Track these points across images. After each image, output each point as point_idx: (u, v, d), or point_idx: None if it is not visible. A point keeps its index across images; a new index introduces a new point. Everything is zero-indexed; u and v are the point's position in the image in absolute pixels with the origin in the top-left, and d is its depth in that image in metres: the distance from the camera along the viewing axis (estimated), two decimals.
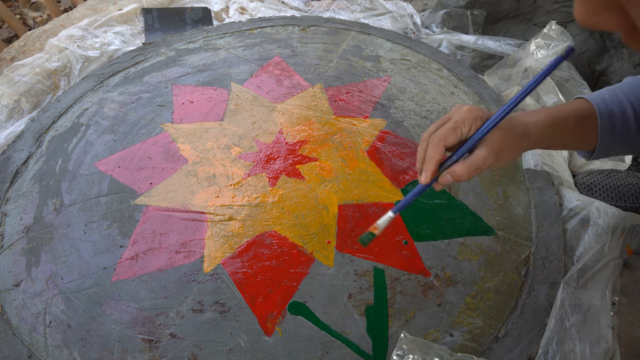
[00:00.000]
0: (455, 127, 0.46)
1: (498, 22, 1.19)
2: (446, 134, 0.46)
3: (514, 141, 0.48)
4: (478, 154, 0.46)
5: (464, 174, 0.47)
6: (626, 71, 1.04)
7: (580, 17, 0.24)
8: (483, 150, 0.46)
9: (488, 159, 0.46)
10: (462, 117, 0.46)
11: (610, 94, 0.54)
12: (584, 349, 0.58)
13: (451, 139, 0.46)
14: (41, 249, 0.69)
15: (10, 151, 0.83)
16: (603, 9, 0.23)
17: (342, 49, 1.07)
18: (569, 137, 0.53)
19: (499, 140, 0.46)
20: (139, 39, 1.13)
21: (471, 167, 0.46)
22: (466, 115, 0.46)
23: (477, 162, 0.46)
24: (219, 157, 0.82)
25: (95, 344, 0.60)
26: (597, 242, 0.69)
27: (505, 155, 0.47)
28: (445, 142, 0.46)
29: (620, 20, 0.23)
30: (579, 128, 0.52)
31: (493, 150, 0.46)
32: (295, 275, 0.66)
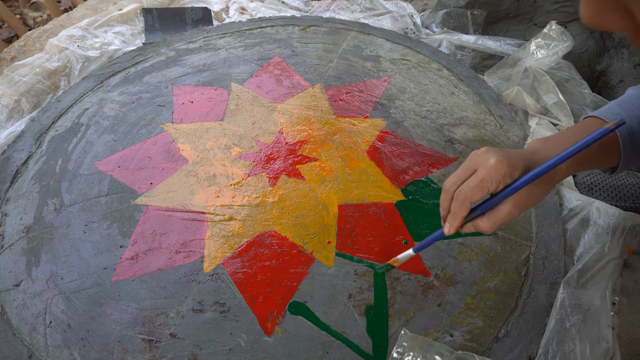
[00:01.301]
0: (482, 187, 0.45)
1: (498, 22, 1.19)
2: (473, 192, 0.45)
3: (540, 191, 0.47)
4: (503, 210, 0.46)
5: (487, 230, 0.47)
6: (626, 71, 1.04)
7: (585, 17, 0.24)
8: (508, 206, 0.46)
9: (512, 214, 0.46)
10: (489, 175, 0.45)
11: (624, 110, 0.53)
12: (584, 349, 0.58)
13: (477, 197, 0.46)
14: (41, 249, 0.69)
15: (10, 151, 0.83)
16: (608, 10, 0.23)
17: (342, 49, 1.07)
18: (592, 163, 0.53)
19: (525, 195, 0.46)
20: (139, 39, 1.13)
21: (496, 224, 0.47)
22: (494, 174, 0.44)
23: (502, 218, 0.46)
24: (219, 157, 0.82)
25: (96, 344, 0.60)
26: (597, 242, 0.69)
27: (528, 206, 0.47)
28: (471, 200, 0.46)
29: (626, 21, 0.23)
30: (601, 152, 0.52)
31: (518, 206, 0.46)
32: (295, 275, 0.66)
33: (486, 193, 0.46)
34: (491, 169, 0.45)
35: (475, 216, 0.48)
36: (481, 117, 0.91)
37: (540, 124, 0.91)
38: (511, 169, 0.45)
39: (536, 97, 0.94)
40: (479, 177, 0.45)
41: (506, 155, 0.45)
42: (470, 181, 0.46)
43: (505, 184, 0.45)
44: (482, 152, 0.47)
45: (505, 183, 0.45)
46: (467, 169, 0.48)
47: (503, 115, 0.92)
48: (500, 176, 0.44)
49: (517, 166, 0.45)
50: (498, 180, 0.45)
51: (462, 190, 0.46)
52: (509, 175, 0.45)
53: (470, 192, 0.46)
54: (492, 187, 0.45)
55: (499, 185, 0.45)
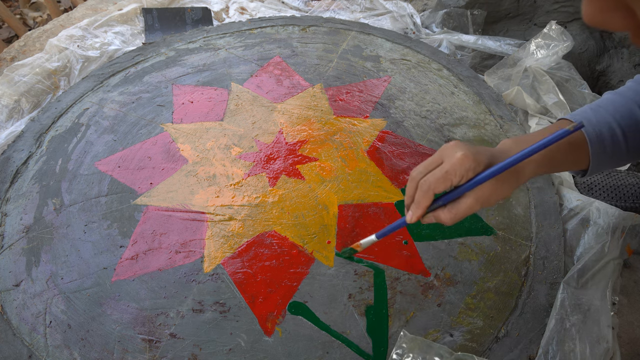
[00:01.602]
0: (446, 178, 0.47)
1: (498, 22, 1.19)
2: (437, 182, 0.47)
3: (504, 189, 0.48)
4: (464, 203, 0.47)
5: (447, 221, 0.49)
6: (626, 71, 1.04)
7: (587, 16, 0.25)
8: (469, 199, 0.47)
9: (473, 208, 0.47)
10: (454, 168, 0.46)
11: (595, 114, 0.54)
12: (584, 349, 0.58)
13: (440, 188, 0.47)
14: (41, 249, 0.69)
15: (10, 151, 0.83)
16: (610, 9, 0.23)
17: (342, 49, 1.07)
18: (560, 165, 0.54)
19: (487, 190, 0.47)
20: (139, 39, 1.13)
21: (456, 216, 0.48)
22: (458, 167, 0.46)
23: (463, 211, 0.48)
24: (219, 157, 0.82)
25: (96, 344, 0.60)
26: (597, 242, 0.69)
27: (490, 202, 0.48)
28: (434, 190, 0.48)
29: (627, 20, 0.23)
30: (570, 154, 0.53)
31: (479, 200, 0.47)
32: (295, 275, 0.66)
33: (449, 185, 0.47)
34: (456, 162, 0.46)
35: (437, 207, 0.49)
36: (481, 117, 0.91)
37: (540, 124, 0.91)
38: (475, 164, 0.46)
39: (536, 97, 0.94)
40: (444, 169, 0.47)
41: (473, 151, 0.46)
42: (435, 172, 0.47)
43: (468, 177, 0.46)
44: (451, 145, 0.48)
45: (468, 177, 0.46)
46: (434, 160, 0.49)
47: (503, 115, 0.92)
48: (464, 170, 0.46)
49: (481, 162, 0.46)
50: (461, 174, 0.46)
51: (427, 180, 0.48)
52: (472, 169, 0.46)
53: (434, 182, 0.47)
54: (455, 180, 0.46)
55: (462, 179, 0.46)
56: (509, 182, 0.48)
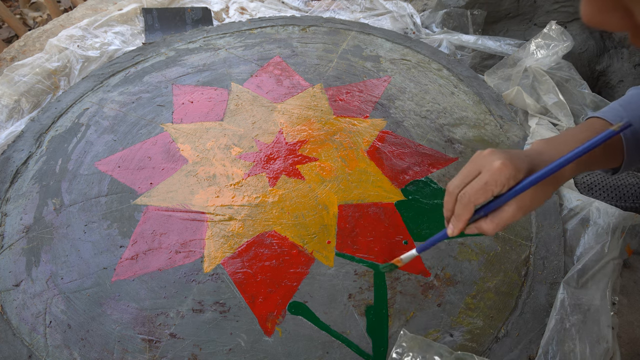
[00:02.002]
0: (486, 190, 0.45)
1: (498, 22, 1.19)
2: (477, 194, 0.45)
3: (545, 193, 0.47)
4: (507, 212, 0.46)
5: (490, 231, 0.47)
6: (626, 71, 1.04)
7: (586, 16, 0.24)
8: (512, 208, 0.45)
9: (516, 215, 0.46)
10: (494, 178, 0.44)
11: (626, 110, 0.53)
12: (584, 349, 0.58)
13: (481, 200, 0.46)
14: (41, 249, 0.69)
15: (10, 151, 0.83)
16: (609, 9, 0.23)
17: (342, 49, 1.07)
18: (596, 164, 0.53)
19: (530, 197, 0.45)
20: (139, 39, 1.13)
21: (499, 225, 0.46)
22: (498, 176, 0.44)
23: (506, 220, 0.46)
24: (219, 157, 0.82)
25: (96, 344, 0.60)
26: (597, 242, 0.69)
27: (532, 208, 0.47)
28: (475, 202, 0.46)
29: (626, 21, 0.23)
30: (606, 153, 0.52)
31: (522, 208, 0.45)
32: (295, 275, 0.66)
33: (490, 196, 0.45)
34: (495, 171, 0.44)
35: (478, 217, 0.48)
36: (481, 117, 0.91)
37: (540, 124, 0.91)
38: (515, 171, 0.44)
39: (536, 97, 0.94)
40: (483, 179, 0.45)
41: (510, 158, 0.45)
42: (474, 184, 0.46)
43: (509, 186, 0.45)
44: (487, 153, 0.46)
45: (509, 186, 0.45)
46: (471, 170, 0.47)
47: (503, 115, 0.92)
48: (504, 179, 0.44)
49: (521, 168, 0.45)
50: (502, 183, 0.44)
51: (466, 193, 0.46)
52: (513, 177, 0.44)
53: (474, 194, 0.45)
54: (496, 190, 0.45)
55: (503, 188, 0.45)
56: (548, 187, 0.47)
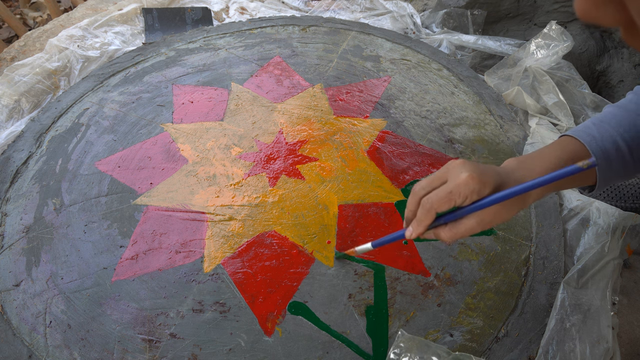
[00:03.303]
0: (450, 199, 0.46)
1: (498, 22, 1.19)
2: (439, 202, 0.46)
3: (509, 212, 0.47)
4: (466, 224, 0.47)
5: (447, 240, 0.48)
6: (626, 71, 1.04)
7: (581, 11, 0.24)
8: (471, 221, 0.46)
9: (474, 230, 0.47)
10: (458, 189, 0.45)
11: (598, 129, 0.53)
12: (584, 349, 0.58)
13: (443, 208, 0.47)
14: (41, 249, 0.69)
15: (10, 151, 0.83)
16: (603, 3, 0.23)
17: (342, 49, 1.07)
18: (566, 183, 0.53)
19: (490, 214, 0.46)
20: (139, 39, 1.13)
21: (456, 235, 0.48)
22: (463, 188, 0.45)
23: (464, 232, 0.47)
24: (219, 157, 0.82)
25: (96, 344, 0.60)
26: (597, 242, 0.69)
27: (492, 224, 0.47)
28: (437, 210, 0.47)
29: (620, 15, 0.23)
30: (576, 176, 0.52)
31: (481, 224, 0.46)
32: (295, 275, 0.66)
33: (452, 205, 0.46)
34: (461, 183, 0.45)
35: (438, 225, 0.49)
36: (481, 117, 0.91)
37: (540, 124, 0.91)
38: (481, 186, 0.45)
39: (536, 97, 0.94)
40: (447, 189, 0.46)
41: (479, 172, 0.45)
42: (439, 191, 0.47)
43: (472, 200, 0.46)
44: (458, 163, 0.47)
45: (472, 199, 0.46)
46: (438, 177, 0.48)
47: (503, 115, 0.92)
48: (468, 191, 0.45)
49: (487, 183, 0.46)
50: (465, 195, 0.45)
51: (430, 199, 0.47)
52: (477, 192, 0.45)
53: (437, 202, 0.46)
54: (459, 201, 0.46)
55: (466, 200, 0.46)
56: (513, 207, 0.47)
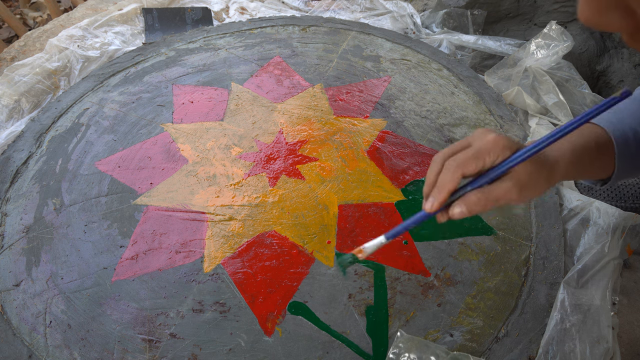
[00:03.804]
0: (478, 156, 0.39)
1: (498, 22, 1.19)
2: (466, 160, 0.40)
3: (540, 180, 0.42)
4: (501, 185, 0.40)
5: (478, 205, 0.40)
6: (626, 71, 1.04)
7: (584, 16, 0.24)
8: (507, 182, 0.40)
9: (511, 192, 0.40)
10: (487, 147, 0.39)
11: (616, 117, 0.51)
12: (584, 349, 0.58)
13: (471, 168, 0.40)
14: (41, 249, 0.69)
15: (10, 151, 0.83)
16: (608, 9, 0.23)
17: (342, 49, 1.07)
18: (588, 169, 0.49)
19: (526, 174, 0.40)
20: (139, 39, 1.13)
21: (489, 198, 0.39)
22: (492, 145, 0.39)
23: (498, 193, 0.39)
24: (219, 157, 0.82)
25: (96, 344, 0.60)
26: (597, 242, 0.69)
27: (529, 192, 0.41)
28: (464, 169, 0.40)
29: (625, 21, 0.23)
30: (598, 158, 0.49)
31: (518, 184, 0.39)
32: (295, 275, 0.66)
33: (482, 166, 0.40)
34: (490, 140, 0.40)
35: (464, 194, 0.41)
36: (481, 117, 0.91)
37: (540, 124, 0.91)
38: (510, 143, 0.40)
39: (536, 97, 0.94)
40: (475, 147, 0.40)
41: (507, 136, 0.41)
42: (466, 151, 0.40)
43: (504, 157, 0.40)
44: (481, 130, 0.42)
45: (504, 157, 0.40)
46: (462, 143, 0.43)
47: (503, 115, 0.92)
48: (499, 149, 0.39)
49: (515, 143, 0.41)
50: (497, 153, 0.39)
51: (455, 159, 0.40)
52: (508, 147, 0.40)
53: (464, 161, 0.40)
54: (489, 160, 0.40)
55: (497, 158, 0.40)
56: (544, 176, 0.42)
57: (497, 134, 0.41)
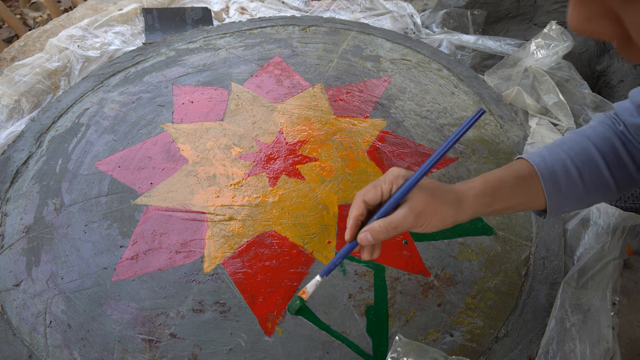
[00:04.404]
0: (376, 185, 0.46)
1: (498, 22, 1.19)
2: (366, 190, 0.47)
3: (442, 207, 0.46)
4: (398, 212, 0.45)
5: (381, 231, 0.45)
6: (626, 71, 1.04)
7: (573, 23, 0.24)
8: (403, 209, 0.45)
9: (407, 218, 0.45)
10: (383, 177, 0.47)
11: (549, 152, 0.53)
12: (584, 349, 0.58)
13: (370, 195, 0.46)
14: (41, 249, 0.69)
15: (10, 151, 0.83)
16: (597, 17, 0.23)
17: (342, 49, 1.07)
18: (511, 200, 0.51)
19: (422, 201, 0.45)
20: (139, 39, 1.13)
21: (390, 225, 0.45)
22: (387, 175, 0.46)
23: (396, 220, 0.45)
24: (219, 157, 0.82)
25: (96, 344, 0.60)
26: (597, 242, 0.69)
27: (428, 218, 0.46)
28: (364, 197, 0.46)
29: (614, 29, 0.22)
30: (520, 189, 0.51)
31: (413, 211, 0.45)
32: (295, 275, 0.66)
33: (379, 193, 0.46)
34: (387, 172, 0.47)
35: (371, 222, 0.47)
36: (481, 117, 0.91)
37: (541, 124, 0.91)
38: (405, 172, 0.46)
39: (536, 97, 0.94)
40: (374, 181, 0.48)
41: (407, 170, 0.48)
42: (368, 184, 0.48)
43: (398, 185, 0.46)
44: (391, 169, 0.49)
45: (398, 184, 0.46)
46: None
47: (503, 115, 0.92)
48: (393, 177, 0.46)
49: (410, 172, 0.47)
50: (390, 181, 0.46)
51: (360, 191, 0.48)
52: (402, 176, 0.46)
53: (365, 191, 0.47)
54: (386, 187, 0.46)
55: (392, 187, 0.46)
56: (447, 203, 0.46)
57: (398, 168, 0.47)
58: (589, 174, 0.51)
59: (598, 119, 0.55)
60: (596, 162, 0.51)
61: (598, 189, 0.52)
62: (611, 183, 0.51)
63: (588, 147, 0.52)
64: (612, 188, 0.52)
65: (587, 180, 0.51)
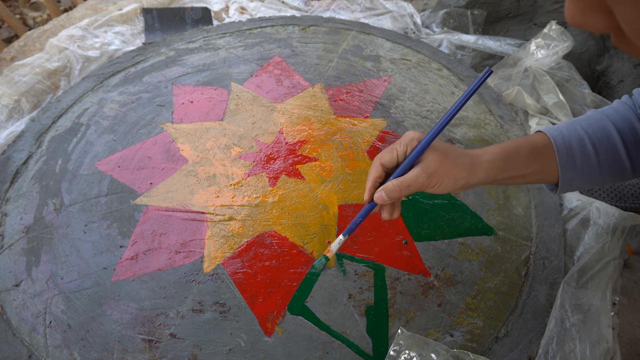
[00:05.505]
0: (391, 148, 0.49)
1: (498, 22, 1.19)
2: (383, 153, 0.49)
3: (455, 169, 0.48)
4: (411, 172, 0.48)
5: (395, 190, 0.48)
6: (626, 71, 1.04)
7: (570, 17, 0.24)
8: (416, 169, 0.48)
9: (420, 177, 0.47)
10: (398, 140, 0.49)
11: (568, 128, 0.53)
12: (584, 349, 0.58)
13: (386, 158, 0.49)
14: (41, 249, 0.69)
15: (10, 151, 0.83)
16: (591, 10, 0.23)
17: (342, 48, 1.07)
18: (523, 168, 0.52)
19: (434, 162, 0.47)
20: (139, 39, 1.13)
21: (403, 184, 0.48)
22: (402, 138, 0.49)
23: (409, 179, 0.47)
24: (219, 157, 0.82)
25: (95, 344, 0.60)
26: (597, 242, 0.69)
27: (440, 179, 0.47)
28: (381, 160, 0.49)
29: (608, 22, 0.23)
30: (534, 159, 0.52)
31: (426, 170, 0.47)
32: (295, 275, 0.66)
33: (395, 155, 0.49)
34: (403, 135, 0.49)
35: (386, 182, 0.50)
36: (481, 117, 0.91)
37: (541, 124, 0.91)
38: (419, 135, 0.48)
39: (536, 97, 0.94)
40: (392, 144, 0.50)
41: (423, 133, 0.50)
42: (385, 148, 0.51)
43: (412, 147, 0.48)
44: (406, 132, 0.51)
45: (412, 146, 0.48)
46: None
47: (503, 115, 0.92)
48: (407, 139, 0.48)
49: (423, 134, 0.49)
50: (405, 143, 0.48)
51: (377, 155, 0.51)
52: (415, 139, 0.48)
53: (381, 154, 0.49)
54: (400, 149, 0.48)
55: (407, 149, 0.48)
56: (460, 164, 0.48)
57: (413, 131, 0.50)
58: (605, 152, 0.51)
59: (621, 100, 0.56)
60: (614, 141, 0.51)
61: (612, 168, 0.52)
62: (627, 164, 0.51)
63: (607, 126, 0.52)
64: (627, 169, 0.52)
65: (602, 158, 0.51)
